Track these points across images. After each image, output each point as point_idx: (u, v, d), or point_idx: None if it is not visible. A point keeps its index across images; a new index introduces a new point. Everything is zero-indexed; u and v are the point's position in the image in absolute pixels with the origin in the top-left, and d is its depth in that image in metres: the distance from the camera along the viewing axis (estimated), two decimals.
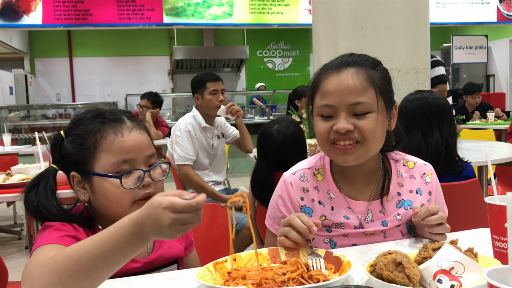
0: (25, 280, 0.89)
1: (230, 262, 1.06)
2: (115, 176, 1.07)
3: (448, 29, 9.59)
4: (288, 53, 10.85)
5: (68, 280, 0.82)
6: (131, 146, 1.09)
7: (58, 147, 1.13)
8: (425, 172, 1.33)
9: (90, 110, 1.17)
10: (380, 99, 1.18)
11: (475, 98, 6.40)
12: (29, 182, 1.14)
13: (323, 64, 1.26)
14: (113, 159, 1.08)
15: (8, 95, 8.59)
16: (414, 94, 1.98)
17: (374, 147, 1.21)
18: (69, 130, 1.14)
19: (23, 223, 4.82)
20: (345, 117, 1.16)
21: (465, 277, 0.88)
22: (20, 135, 7.50)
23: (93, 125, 1.11)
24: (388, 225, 1.28)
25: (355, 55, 1.24)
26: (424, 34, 3.34)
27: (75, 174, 1.12)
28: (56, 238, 1.02)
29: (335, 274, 1.00)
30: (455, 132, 1.95)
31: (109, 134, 1.09)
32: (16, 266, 3.05)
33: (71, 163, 1.11)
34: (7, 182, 2.33)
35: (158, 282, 1.01)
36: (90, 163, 1.09)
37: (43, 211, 1.09)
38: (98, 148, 1.09)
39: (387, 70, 1.27)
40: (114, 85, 10.01)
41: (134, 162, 1.10)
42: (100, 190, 1.09)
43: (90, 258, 0.82)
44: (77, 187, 1.13)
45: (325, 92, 1.18)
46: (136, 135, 1.12)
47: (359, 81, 1.16)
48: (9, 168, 2.56)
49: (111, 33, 9.53)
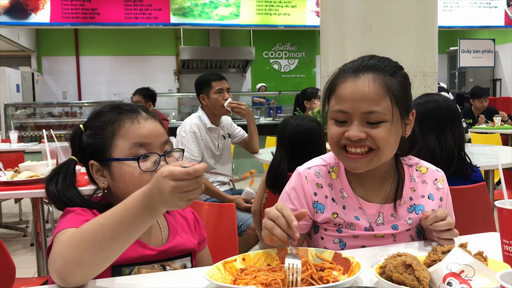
0: (50, 262, 0.95)
1: (239, 261, 1.06)
2: (133, 158, 1.12)
3: (455, 32, 9.56)
4: (294, 55, 10.85)
5: (85, 252, 0.90)
6: (147, 133, 1.15)
7: (78, 140, 1.17)
8: (437, 178, 1.34)
9: (107, 104, 1.22)
10: (396, 108, 1.16)
11: (482, 102, 6.38)
12: (49, 172, 1.19)
13: (343, 64, 1.25)
14: (130, 144, 1.13)
15: (15, 93, 8.63)
16: (423, 97, 1.97)
17: (386, 155, 1.21)
18: (88, 123, 1.19)
19: (28, 220, 4.85)
20: (358, 124, 1.15)
21: (475, 280, 0.88)
22: (26, 133, 7.53)
23: (111, 116, 1.17)
24: (398, 229, 1.28)
25: (376, 58, 1.22)
26: (432, 37, 3.34)
27: (94, 162, 1.16)
28: (77, 222, 1.05)
29: (344, 275, 1.01)
30: (464, 135, 1.95)
31: (126, 122, 1.15)
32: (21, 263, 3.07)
33: (90, 153, 1.16)
34: (15, 179, 2.34)
35: (168, 280, 1.02)
36: (109, 150, 1.14)
37: (64, 198, 1.14)
38: (115, 135, 1.14)
39: (407, 76, 1.24)
40: (120, 84, 10.04)
41: (150, 147, 1.14)
42: (119, 175, 1.13)
43: (105, 230, 0.90)
44: (96, 175, 1.17)
45: (341, 97, 1.18)
46: (151, 123, 1.17)
47: (375, 89, 1.15)
48: (16, 165, 2.57)
49: (118, 32, 9.56)
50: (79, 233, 0.93)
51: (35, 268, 2.91)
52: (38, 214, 2.60)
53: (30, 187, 2.30)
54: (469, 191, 1.83)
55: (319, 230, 1.32)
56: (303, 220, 1.28)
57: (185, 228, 1.29)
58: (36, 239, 2.69)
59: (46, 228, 2.90)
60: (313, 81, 10.81)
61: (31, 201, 2.65)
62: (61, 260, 0.91)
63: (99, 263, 0.92)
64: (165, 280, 1.01)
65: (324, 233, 1.30)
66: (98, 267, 0.93)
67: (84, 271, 0.92)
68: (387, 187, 1.30)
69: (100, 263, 0.92)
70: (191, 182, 0.86)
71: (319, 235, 1.32)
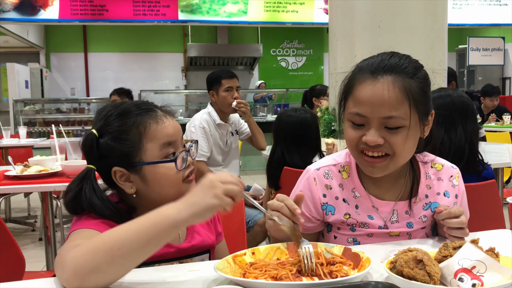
0: (57, 262, 0.94)
1: (249, 255, 1.06)
2: (170, 160, 1.11)
3: (464, 30, 9.49)
4: (302, 52, 10.82)
5: (102, 259, 0.87)
6: (171, 131, 1.14)
7: (96, 147, 1.11)
8: (453, 175, 1.33)
9: (113, 106, 1.17)
10: (415, 112, 1.13)
11: (493, 101, 6.32)
12: (70, 187, 1.13)
13: (360, 60, 1.22)
14: (160, 145, 1.11)
15: (24, 89, 8.68)
16: (437, 92, 1.96)
17: (403, 160, 1.19)
18: (104, 128, 1.12)
19: (36, 215, 4.88)
20: (376, 129, 1.13)
21: (486, 276, 0.88)
22: (34, 128, 7.57)
23: (133, 119, 1.12)
24: (413, 227, 1.27)
25: (395, 56, 1.17)
26: (441, 34, 3.32)
27: (118, 169, 1.11)
28: (93, 223, 1.04)
29: (354, 270, 1.00)
30: (478, 132, 1.93)
31: (151, 124, 1.12)
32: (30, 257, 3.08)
33: (112, 160, 1.11)
34: (25, 173, 2.36)
35: (178, 273, 1.02)
36: (138, 155, 1.10)
37: (93, 212, 1.09)
38: (143, 139, 1.10)
39: (427, 76, 1.20)
40: (128, 81, 10.06)
41: (176, 144, 1.14)
42: (154, 178, 1.11)
43: (125, 233, 0.90)
44: (121, 180, 1.12)
45: (358, 100, 1.14)
46: (170, 119, 1.16)
47: (395, 94, 1.11)
48: (26, 160, 2.59)
49: (126, 29, 9.59)
50: (97, 241, 0.90)
51: (43, 262, 2.94)
52: (47, 208, 2.62)
53: (39, 181, 2.31)
54: (479, 188, 1.82)
55: (332, 229, 1.31)
56: (309, 222, 1.28)
57: (202, 223, 1.28)
58: (45, 234, 2.71)
59: (54, 223, 2.92)
60: (320, 78, 10.78)
61: (40, 195, 2.67)
62: (72, 270, 0.87)
63: (114, 270, 0.89)
64: (174, 273, 1.01)
65: (337, 232, 1.30)
66: (112, 276, 0.90)
67: (96, 280, 0.88)
68: (402, 185, 1.28)
69: (116, 270, 0.90)
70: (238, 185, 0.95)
71: (332, 234, 1.31)
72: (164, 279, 0.99)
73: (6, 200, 4.45)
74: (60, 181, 2.31)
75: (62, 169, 2.40)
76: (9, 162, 2.48)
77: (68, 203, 1.11)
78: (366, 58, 1.21)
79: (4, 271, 1.73)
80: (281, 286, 0.90)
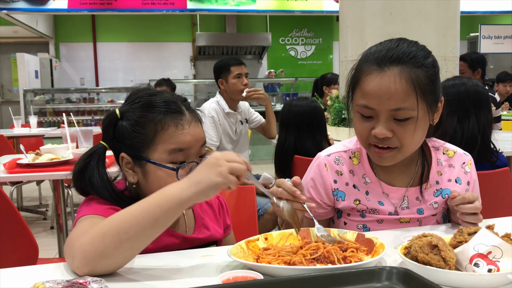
0: (66, 250, 0.94)
1: (261, 240, 1.07)
2: (172, 168, 1.07)
3: (476, 18, 9.36)
4: (311, 41, 10.75)
5: (110, 243, 0.89)
6: (189, 139, 1.10)
7: (113, 127, 1.11)
8: (465, 162, 1.32)
9: (147, 93, 1.14)
10: (423, 103, 1.12)
11: (506, 87, 6.22)
12: (78, 160, 1.14)
13: (368, 48, 1.20)
14: (170, 149, 1.08)
15: (34, 79, 8.72)
16: (452, 80, 1.94)
17: (411, 150, 1.19)
18: (127, 113, 1.11)
19: (48, 204, 4.93)
20: (385, 121, 1.12)
21: (502, 262, 0.87)
22: (45, 118, 7.62)
23: (154, 115, 1.09)
24: (424, 213, 1.27)
25: (403, 43, 1.15)
26: (453, 21, 3.27)
27: (125, 156, 1.11)
28: (101, 209, 1.04)
29: (368, 256, 1.00)
30: (491, 122, 1.91)
31: (170, 126, 1.08)
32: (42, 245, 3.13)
33: (123, 145, 1.11)
34: (37, 161, 2.37)
35: (191, 258, 1.02)
36: (146, 151, 1.09)
37: (92, 192, 1.10)
38: (156, 138, 1.08)
39: (436, 62, 1.17)
40: (137, 70, 10.08)
41: (189, 152, 1.10)
42: (154, 177, 1.09)
43: (132, 215, 0.91)
44: (126, 167, 1.12)
45: (366, 92, 1.13)
46: (194, 128, 1.11)
47: (402, 86, 1.09)
48: (37, 148, 2.61)
49: (135, 19, 9.58)
50: (104, 225, 0.91)
51: (55, 250, 2.97)
52: (59, 196, 2.64)
53: (51, 169, 2.33)
54: (492, 176, 1.80)
55: (342, 215, 1.31)
56: (320, 208, 1.29)
57: (211, 217, 1.28)
58: (57, 221, 2.73)
59: (66, 211, 2.95)
60: (329, 67, 10.72)
61: (52, 184, 2.70)
62: (81, 256, 0.89)
63: (122, 254, 0.91)
64: (187, 259, 1.02)
65: (347, 218, 1.30)
66: (122, 260, 0.92)
67: (106, 265, 0.90)
68: (413, 171, 1.28)
69: (124, 254, 0.92)
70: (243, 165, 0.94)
71: (342, 220, 1.31)
72: (177, 264, 0.99)
73: (18, 189, 4.49)
74: (72, 169, 2.32)
75: (74, 157, 2.41)
76: (21, 151, 2.50)
77: (74, 176, 1.13)
78: (374, 46, 1.19)
79: (18, 258, 1.75)
80: (295, 271, 0.90)
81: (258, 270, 0.89)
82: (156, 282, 0.91)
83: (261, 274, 0.88)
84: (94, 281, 0.78)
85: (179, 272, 0.96)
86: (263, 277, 0.87)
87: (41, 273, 0.98)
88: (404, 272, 0.85)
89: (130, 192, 1.16)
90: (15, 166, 2.39)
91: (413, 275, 0.83)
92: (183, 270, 0.97)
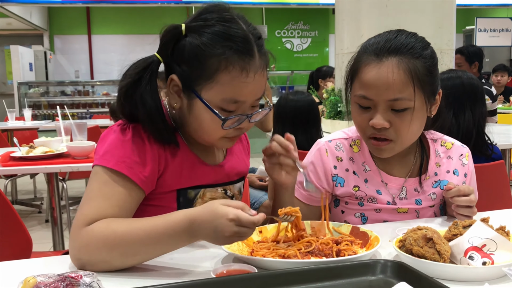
0: (75, 254, 0.94)
1: (256, 233, 1.06)
2: (220, 116, 0.99)
3: (472, 11, 9.36)
4: (307, 34, 10.72)
5: (115, 257, 0.91)
6: (248, 92, 1.00)
7: (174, 42, 1.00)
8: (463, 154, 1.33)
9: (223, 16, 1.00)
10: (420, 93, 1.12)
11: (497, 76, 6.22)
12: (127, 72, 1.03)
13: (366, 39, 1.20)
14: (225, 95, 0.98)
15: (28, 71, 8.66)
16: (447, 73, 1.93)
17: (409, 141, 1.20)
18: (193, 31, 0.99)
19: (43, 197, 4.91)
20: (382, 112, 1.12)
21: (497, 254, 0.87)
22: (39, 111, 7.58)
23: (222, 50, 0.96)
24: (422, 204, 1.27)
25: (402, 34, 1.16)
26: (449, 13, 3.26)
27: (176, 80, 1.01)
28: (116, 161, 0.98)
29: (362, 249, 1.00)
30: (486, 115, 1.91)
31: (235, 69, 0.97)
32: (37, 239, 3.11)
33: (178, 67, 1.00)
34: (30, 154, 2.36)
35: (185, 252, 1.01)
36: (200, 86, 0.99)
37: (141, 113, 1.00)
38: (216, 77, 0.97)
39: (434, 54, 1.17)
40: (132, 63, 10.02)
41: (243, 105, 1.01)
42: (198, 115, 1.01)
43: (141, 243, 0.90)
44: (172, 90, 1.03)
45: (364, 83, 1.14)
46: (258, 78, 1.00)
47: (400, 76, 1.10)
48: (31, 141, 2.59)
49: (130, 11, 9.51)
50: (113, 238, 0.91)
51: (50, 243, 2.96)
52: (53, 189, 2.62)
53: (45, 162, 2.31)
54: (487, 169, 1.80)
55: (339, 203, 1.31)
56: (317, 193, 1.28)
57: (240, 150, 1.26)
58: (51, 215, 2.72)
59: (61, 205, 2.94)
60: (325, 60, 10.70)
61: (46, 177, 2.67)
62: (87, 260, 0.92)
63: (125, 266, 0.93)
64: (181, 252, 1.01)
65: (345, 206, 1.29)
66: (124, 267, 0.94)
67: (109, 268, 0.93)
68: (411, 162, 1.28)
69: (126, 266, 0.93)
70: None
71: (339, 208, 1.31)
72: (171, 257, 0.98)
73: (12, 182, 4.47)
74: (66, 162, 2.31)
75: (68, 150, 2.40)
76: (15, 144, 2.48)
77: (123, 90, 1.01)
78: (373, 37, 1.20)
79: (12, 252, 1.74)
80: (289, 264, 0.90)
81: (252, 263, 0.89)
82: (149, 275, 0.91)
83: (256, 267, 0.87)
84: (86, 275, 0.77)
85: (173, 265, 0.95)
86: (258, 270, 0.86)
87: (33, 267, 0.97)
88: (398, 265, 0.85)
89: (170, 120, 1.08)
90: (9, 159, 2.37)
91: (408, 268, 0.83)
92: (177, 263, 0.96)
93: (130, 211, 0.99)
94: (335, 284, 0.83)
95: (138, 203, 1.01)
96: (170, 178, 1.05)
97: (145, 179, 1.00)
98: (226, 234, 0.87)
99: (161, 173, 1.04)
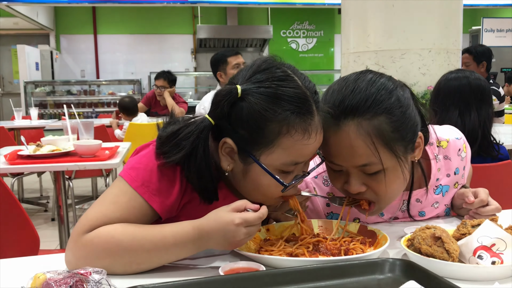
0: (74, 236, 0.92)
1: (263, 231, 1.06)
2: (282, 182, 0.94)
3: (478, 11, 9.32)
4: (312, 34, 10.70)
5: (119, 265, 0.90)
6: (309, 153, 0.96)
7: (230, 104, 0.93)
8: (460, 148, 1.26)
9: (277, 76, 0.94)
10: (389, 154, 0.99)
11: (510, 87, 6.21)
12: (178, 135, 0.95)
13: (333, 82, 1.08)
14: (287, 159, 0.94)
15: (34, 71, 8.71)
16: (455, 73, 1.93)
17: (393, 198, 1.09)
18: (249, 94, 0.93)
19: (49, 196, 4.93)
20: (355, 176, 1.02)
21: (506, 254, 0.86)
22: (45, 110, 7.62)
23: (282, 115, 0.91)
24: (425, 215, 1.25)
25: (361, 82, 1.01)
26: (456, 13, 3.25)
27: (231, 143, 0.95)
28: (141, 184, 0.94)
29: (370, 248, 0.99)
30: (492, 116, 1.91)
31: (297, 132, 0.92)
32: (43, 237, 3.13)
33: (233, 132, 0.94)
34: (38, 152, 2.37)
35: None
36: (259, 151, 0.93)
37: (194, 184, 0.96)
38: (277, 142, 0.92)
39: (401, 97, 1.02)
40: (137, 63, 10.05)
41: (301, 165, 0.98)
42: (254, 179, 0.96)
43: (147, 254, 0.90)
44: (224, 152, 0.97)
45: (327, 149, 1.02)
46: (319, 137, 0.96)
47: (360, 142, 0.97)
48: (38, 140, 2.60)
49: (136, 11, 9.53)
50: (116, 247, 0.89)
51: (56, 241, 2.97)
52: (60, 188, 2.63)
53: (52, 161, 2.32)
54: (494, 169, 1.80)
55: None
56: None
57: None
58: (58, 213, 2.73)
59: (67, 203, 2.95)
60: (331, 60, 10.69)
61: (53, 175, 2.69)
62: (88, 264, 0.87)
63: (128, 273, 0.91)
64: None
65: None
66: (126, 274, 0.92)
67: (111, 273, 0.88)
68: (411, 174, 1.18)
69: (129, 273, 0.91)
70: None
71: None
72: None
73: (18, 181, 4.49)
74: (73, 161, 2.32)
75: (75, 149, 2.41)
76: (22, 142, 2.49)
77: (180, 163, 0.95)
78: (331, 86, 1.07)
79: (19, 249, 1.75)
80: (297, 262, 0.90)
81: (260, 261, 0.89)
82: (156, 273, 0.91)
83: (263, 265, 0.87)
84: (96, 271, 0.77)
85: (181, 263, 0.96)
86: (265, 268, 0.86)
87: (42, 264, 0.98)
88: (407, 264, 0.85)
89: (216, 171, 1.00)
90: (16, 158, 2.39)
91: (416, 267, 0.83)
92: (184, 261, 0.96)
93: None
94: (344, 282, 0.83)
95: (150, 222, 0.97)
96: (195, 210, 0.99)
97: (167, 208, 0.96)
98: (237, 238, 0.88)
99: (187, 203, 1.00)
